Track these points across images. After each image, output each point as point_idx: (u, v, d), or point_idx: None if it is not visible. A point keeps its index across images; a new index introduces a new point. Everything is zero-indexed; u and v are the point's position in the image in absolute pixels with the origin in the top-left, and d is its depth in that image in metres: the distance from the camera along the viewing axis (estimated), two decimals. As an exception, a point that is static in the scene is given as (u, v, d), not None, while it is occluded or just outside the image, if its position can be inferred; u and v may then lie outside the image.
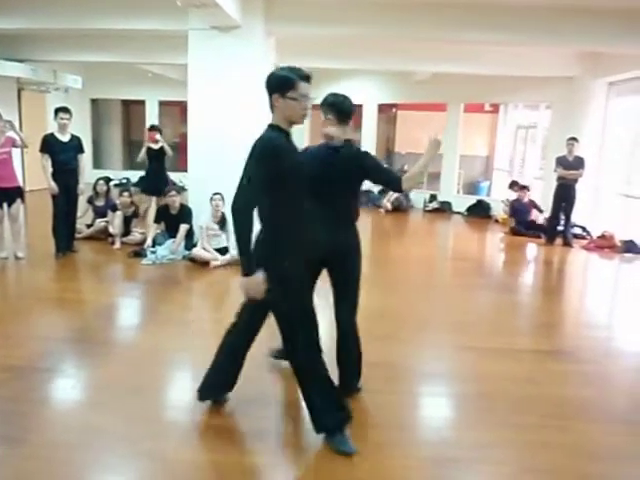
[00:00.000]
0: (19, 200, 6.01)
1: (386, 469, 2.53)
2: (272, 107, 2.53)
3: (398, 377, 3.54)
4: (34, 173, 6.19)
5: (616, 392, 3.51)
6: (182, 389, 3.41)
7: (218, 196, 6.17)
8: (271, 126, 2.53)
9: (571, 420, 3.05)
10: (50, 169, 6.10)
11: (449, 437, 2.87)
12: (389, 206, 11.32)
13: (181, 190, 6.38)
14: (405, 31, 6.96)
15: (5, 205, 5.95)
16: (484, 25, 6.76)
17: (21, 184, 6.11)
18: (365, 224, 10.06)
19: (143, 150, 7.42)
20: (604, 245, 8.20)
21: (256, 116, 6.73)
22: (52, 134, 6.17)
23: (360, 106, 12.75)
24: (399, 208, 11.41)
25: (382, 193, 11.85)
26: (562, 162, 8.38)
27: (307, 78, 2.50)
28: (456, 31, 6.87)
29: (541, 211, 9.31)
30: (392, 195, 11.40)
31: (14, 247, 6.12)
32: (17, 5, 7.06)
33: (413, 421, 3.06)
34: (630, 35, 6.75)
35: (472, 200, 11.63)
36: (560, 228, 8.55)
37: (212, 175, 6.33)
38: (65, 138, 6.19)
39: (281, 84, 2.47)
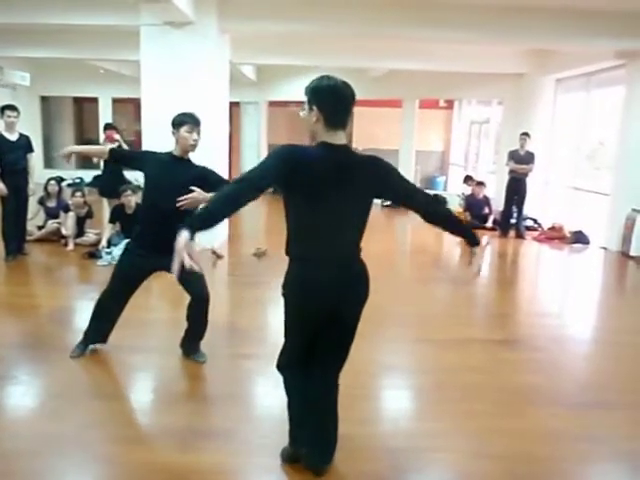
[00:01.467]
0: None
1: (346, 462, 2.57)
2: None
3: (357, 371, 3.59)
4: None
5: (564, 377, 3.65)
6: (139, 392, 3.38)
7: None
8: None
9: (520, 406, 3.17)
10: (-2, 169, 5.90)
11: (405, 428, 2.95)
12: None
13: (137, 189, 6.26)
14: (360, 28, 7.04)
15: None
16: (437, 23, 6.90)
17: None
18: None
19: None
20: (554, 236, 8.50)
21: (211, 112, 6.70)
22: (-1, 133, 5.97)
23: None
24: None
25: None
26: (514, 156, 8.63)
27: None
28: (410, 28, 6.99)
29: (490, 211, 9.53)
30: None
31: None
32: (-42, -1, 6.79)
33: (369, 414, 3.11)
34: (576, 33, 7.03)
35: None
36: (513, 221, 8.82)
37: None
38: (13, 137, 5.98)
39: None
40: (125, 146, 7.23)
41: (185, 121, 3.39)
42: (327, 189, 2.16)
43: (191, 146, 3.38)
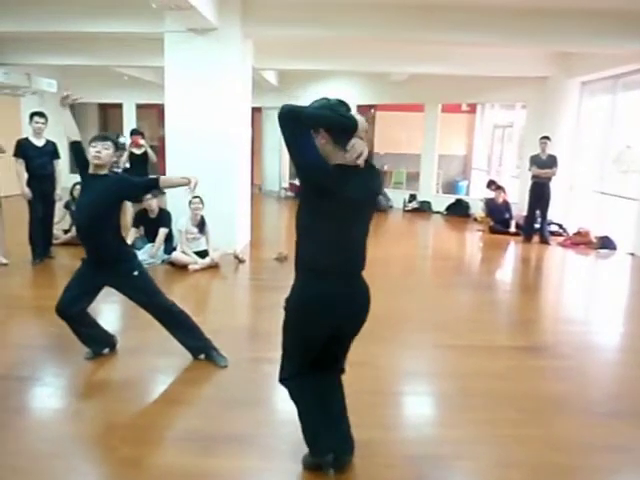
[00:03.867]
0: None
1: (367, 468, 2.55)
2: None
3: (380, 376, 3.57)
4: (8, 179, 6.07)
5: (591, 386, 3.58)
6: (162, 394, 3.40)
7: (197, 199, 6.14)
8: None
9: (547, 414, 3.11)
10: (25, 174, 6.02)
11: (428, 434, 2.91)
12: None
13: (159, 194, 6.33)
14: (382, 32, 7.02)
15: None
16: (460, 26, 6.85)
17: None
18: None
19: (125, 155, 7.35)
20: (580, 241, 8.34)
21: (234, 118, 6.75)
22: (27, 138, 6.08)
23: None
24: (378, 208, 11.45)
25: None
26: (536, 161, 8.51)
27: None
28: (433, 32, 6.95)
29: (511, 216, 9.40)
30: None
31: (-2, 254, 6.03)
32: (-12, 8, 6.96)
33: (392, 420, 3.08)
34: (601, 35, 6.91)
35: (451, 199, 11.75)
36: (537, 226, 8.69)
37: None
38: (40, 143, 6.10)
39: None
40: (150, 152, 7.33)
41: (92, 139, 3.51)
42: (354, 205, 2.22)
43: (93, 157, 3.41)
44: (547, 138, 8.51)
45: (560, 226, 9.17)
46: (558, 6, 6.60)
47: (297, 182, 2.70)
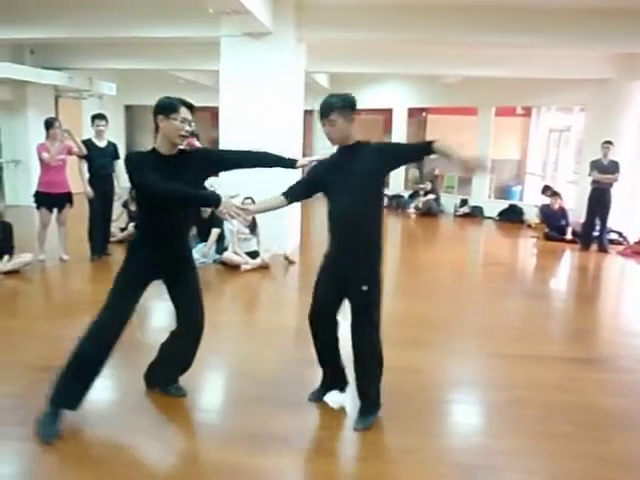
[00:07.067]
0: (68, 205, 6.21)
1: (415, 476, 2.52)
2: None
3: (427, 383, 3.52)
4: (70, 178, 6.33)
5: (653, 402, 3.41)
6: (214, 391, 3.47)
7: (249, 200, 6.21)
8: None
9: (604, 430, 2.98)
10: (87, 174, 6.28)
11: (478, 444, 2.84)
12: (414, 210, 11.34)
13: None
14: (435, 35, 6.94)
15: (55, 210, 6.16)
16: (515, 28, 6.70)
17: (72, 190, 6.29)
18: (395, 229, 10.03)
19: None
20: (641, 251, 7.98)
21: (287, 120, 6.82)
22: (90, 140, 6.34)
23: (390, 110, 12.74)
24: (429, 212, 11.35)
25: (412, 197, 11.86)
26: (597, 166, 8.20)
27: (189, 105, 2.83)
28: (487, 34, 6.82)
29: (567, 222, 9.09)
30: (421, 200, 11.41)
31: (59, 250, 6.31)
32: (54, 15, 7.30)
33: (442, 428, 3.04)
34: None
35: (504, 205, 11.47)
36: (595, 233, 8.37)
37: (243, 179, 6.38)
38: (102, 144, 6.35)
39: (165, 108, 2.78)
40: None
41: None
42: None
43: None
44: (610, 143, 8.19)
45: (620, 234, 8.80)
46: (619, 6, 6.34)
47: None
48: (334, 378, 3.14)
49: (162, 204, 2.72)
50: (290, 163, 3.10)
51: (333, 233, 2.90)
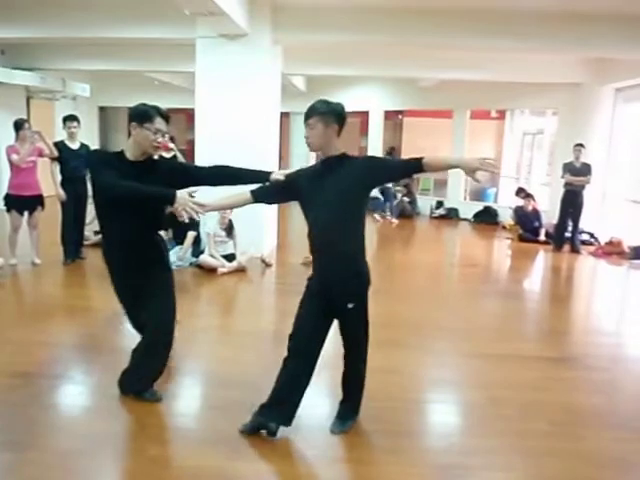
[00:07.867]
0: (39, 208, 6.06)
1: (396, 476, 2.52)
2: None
3: (406, 384, 3.53)
4: (42, 180, 6.20)
5: (626, 399, 3.48)
6: (189, 396, 3.42)
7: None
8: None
9: (578, 427, 3.03)
10: (59, 176, 6.15)
11: (456, 444, 2.86)
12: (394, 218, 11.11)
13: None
14: (411, 38, 6.99)
15: (26, 213, 6.00)
16: (490, 32, 6.78)
17: (43, 192, 6.15)
18: (371, 231, 10.06)
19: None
20: (612, 251, 8.15)
21: (263, 123, 6.79)
22: (62, 141, 6.22)
23: (366, 113, 12.79)
24: (403, 214, 11.34)
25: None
26: (569, 168, 8.37)
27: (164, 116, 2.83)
28: (462, 37, 6.89)
29: (540, 224, 9.23)
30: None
31: (31, 254, 6.15)
32: (26, 15, 7.14)
33: (420, 428, 3.05)
34: (636, 41, 6.75)
35: (479, 207, 11.61)
36: (568, 235, 8.52)
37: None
38: (75, 146, 6.24)
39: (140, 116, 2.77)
40: (180, 155, 7.39)
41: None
42: None
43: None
44: (581, 145, 8.36)
45: (592, 235, 8.98)
46: (592, 11, 6.48)
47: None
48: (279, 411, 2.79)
49: (118, 204, 2.73)
50: (266, 177, 2.88)
51: (314, 252, 2.72)
